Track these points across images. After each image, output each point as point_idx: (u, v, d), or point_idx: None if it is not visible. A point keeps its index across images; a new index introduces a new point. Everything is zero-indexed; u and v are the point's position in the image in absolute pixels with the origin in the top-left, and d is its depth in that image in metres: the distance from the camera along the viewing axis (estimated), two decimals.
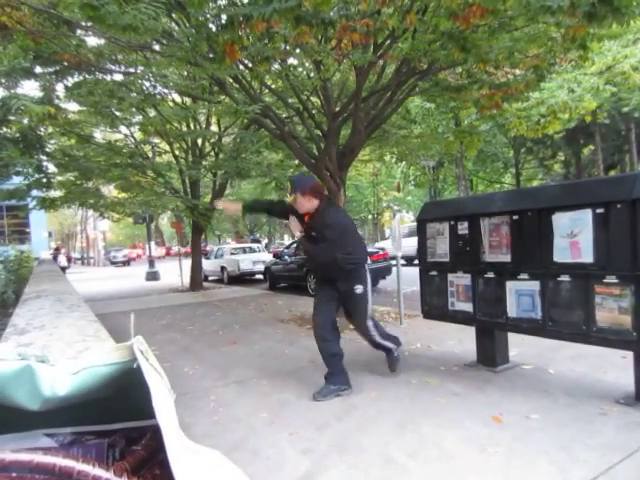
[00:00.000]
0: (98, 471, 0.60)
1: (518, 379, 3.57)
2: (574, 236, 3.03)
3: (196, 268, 12.80)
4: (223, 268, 14.88)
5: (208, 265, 15.60)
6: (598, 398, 3.07)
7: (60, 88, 7.71)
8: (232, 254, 15.47)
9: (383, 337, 3.76)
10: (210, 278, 15.72)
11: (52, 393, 0.69)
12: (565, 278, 3.10)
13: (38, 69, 6.86)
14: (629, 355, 3.03)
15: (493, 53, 4.93)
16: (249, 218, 35.29)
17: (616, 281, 2.84)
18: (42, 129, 8.90)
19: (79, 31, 5.94)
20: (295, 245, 12.33)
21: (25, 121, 7.65)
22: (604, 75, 8.24)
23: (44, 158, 9.96)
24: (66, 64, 6.11)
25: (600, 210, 2.90)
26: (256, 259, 14.56)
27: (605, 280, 2.88)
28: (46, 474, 0.60)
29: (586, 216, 2.97)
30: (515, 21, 4.58)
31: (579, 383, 3.38)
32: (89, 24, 5.14)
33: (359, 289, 3.58)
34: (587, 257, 2.97)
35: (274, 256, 12.65)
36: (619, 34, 5.92)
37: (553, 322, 3.18)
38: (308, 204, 3.57)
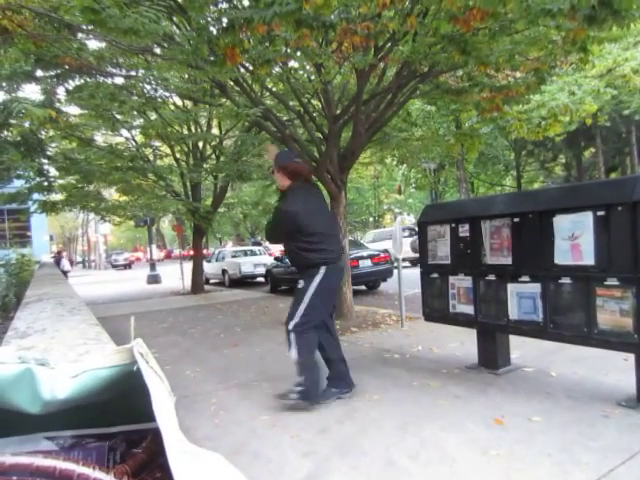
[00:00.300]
0: (98, 474, 0.60)
1: (520, 381, 3.56)
2: (575, 238, 3.03)
3: (197, 271, 12.81)
4: (224, 271, 14.88)
5: (209, 268, 15.61)
6: (600, 400, 3.06)
7: (61, 91, 7.75)
8: (233, 257, 15.48)
9: (303, 356, 3.30)
10: (211, 281, 15.73)
11: (52, 396, 0.69)
12: (566, 280, 3.09)
13: (39, 72, 6.89)
14: (630, 357, 3.03)
15: (494, 56, 4.94)
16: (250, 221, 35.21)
17: (617, 283, 2.83)
18: (43, 132, 8.93)
19: (80, 34, 5.96)
20: None
21: (26, 124, 7.69)
22: (605, 78, 8.26)
23: (45, 161, 9.99)
24: (67, 67, 6.14)
25: (601, 212, 2.90)
26: (257, 262, 14.56)
27: (606, 282, 2.88)
28: (46, 477, 0.60)
29: (587, 218, 2.96)
30: (515, 24, 4.59)
31: (581, 385, 3.37)
32: (90, 27, 5.16)
33: (300, 284, 3.42)
34: (588, 259, 2.96)
35: (275, 259, 12.66)
36: (619, 37, 5.93)
37: (554, 324, 3.17)
38: (280, 181, 3.54)
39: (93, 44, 6.81)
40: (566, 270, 3.08)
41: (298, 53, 5.01)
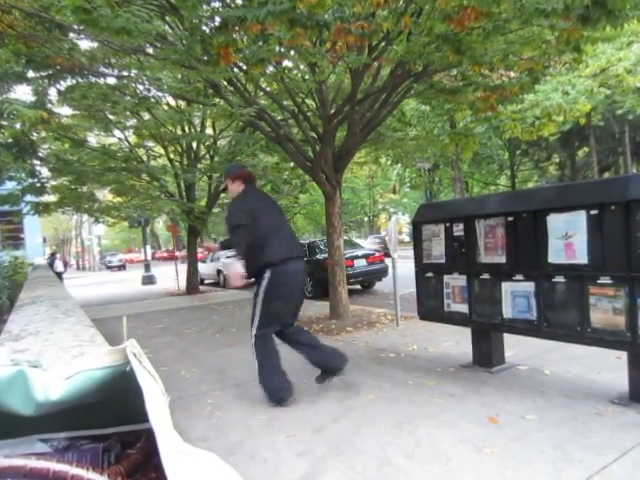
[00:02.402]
0: (92, 475, 0.60)
1: (514, 380, 3.58)
2: (569, 237, 3.04)
3: (192, 272, 12.77)
4: (219, 271, 14.85)
5: (204, 268, 15.56)
6: (593, 398, 3.08)
7: (53, 92, 7.69)
8: (229, 257, 15.44)
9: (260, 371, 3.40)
10: (206, 281, 15.69)
11: (45, 398, 0.69)
12: (560, 279, 3.11)
13: (30, 73, 6.84)
14: (623, 355, 3.05)
15: (488, 56, 4.96)
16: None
17: (610, 282, 2.85)
18: (35, 134, 8.87)
19: (72, 35, 5.93)
20: None
21: (18, 126, 7.62)
22: (598, 78, 8.31)
23: (37, 163, 9.92)
24: (59, 68, 6.10)
25: (594, 212, 2.91)
26: None
27: (599, 281, 2.90)
28: (40, 479, 0.59)
29: (580, 218, 2.98)
30: (510, 24, 4.61)
31: (574, 384, 3.39)
32: (82, 27, 5.13)
33: (255, 290, 3.44)
34: (582, 258, 2.98)
35: None
36: (613, 37, 5.96)
37: (548, 323, 3.19)
38: (235, 189, 3.63)
39: (85, 44, 6.78)
40: (560, 269, 3.10)
41: (292, 52, 5.01)
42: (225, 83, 6.33)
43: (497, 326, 3.60)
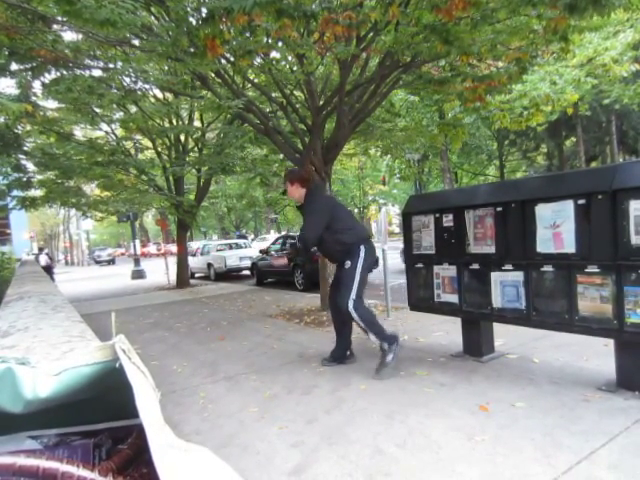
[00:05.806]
0: (83, 472, 0.59)
1: (504, 368, 3.62)
2: (557, 227, 3.07)
3: (182, 265, 12.71)
4: (210, 265, 14.80)
5: (194, 262, 15.51)
6: (581, 385, 3.13)
7: (37, 85, 7.57)
8: (219, 250, 15.40)
9: (371, 328, 3.76)
10: (197, 275, 15.64)
11: (34, 395, 0.68)
12: (548, 268, 3.14)
13: (14, 66, 6.71)
14: (610, 343, 3.09)
15: (476, 46, 4.95)
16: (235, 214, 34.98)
17: (597, 270, 2.89)
18: (20, 127, 8.72)
19: (55, 26, 5.81)
20: (281, 241, 12.33)
21: (2, 119, 7.49)
22: (585, 67, 8.32)
23: (23, 157, 9.77)
24: (43, 60, 5.98)
25: (582, 201, 2.94)
26: (243, 255, 14.51)
27: (587, 270, 2.93)
28: (30, 477, 0.59)
29: (568, 207, 3.01)
30: (497, 13, 4.60)
31: (563, 371, 3.44)
32: (65, 19, 5.04)
33: (347, 264, 3.86)
34: (569, 247, 3.01)
35: (260, 252, 12.63)
36: (600, 26, 5.98)
37: (537, 312, 3.23)
38: (296, 193, 4.04)
39: (69, 36, 6.67)
40: (548, 258, 3.13)
41: (280, 44, 4.96)
42: (212, 75, 6.26)
43: (487, 316, 3.64)
